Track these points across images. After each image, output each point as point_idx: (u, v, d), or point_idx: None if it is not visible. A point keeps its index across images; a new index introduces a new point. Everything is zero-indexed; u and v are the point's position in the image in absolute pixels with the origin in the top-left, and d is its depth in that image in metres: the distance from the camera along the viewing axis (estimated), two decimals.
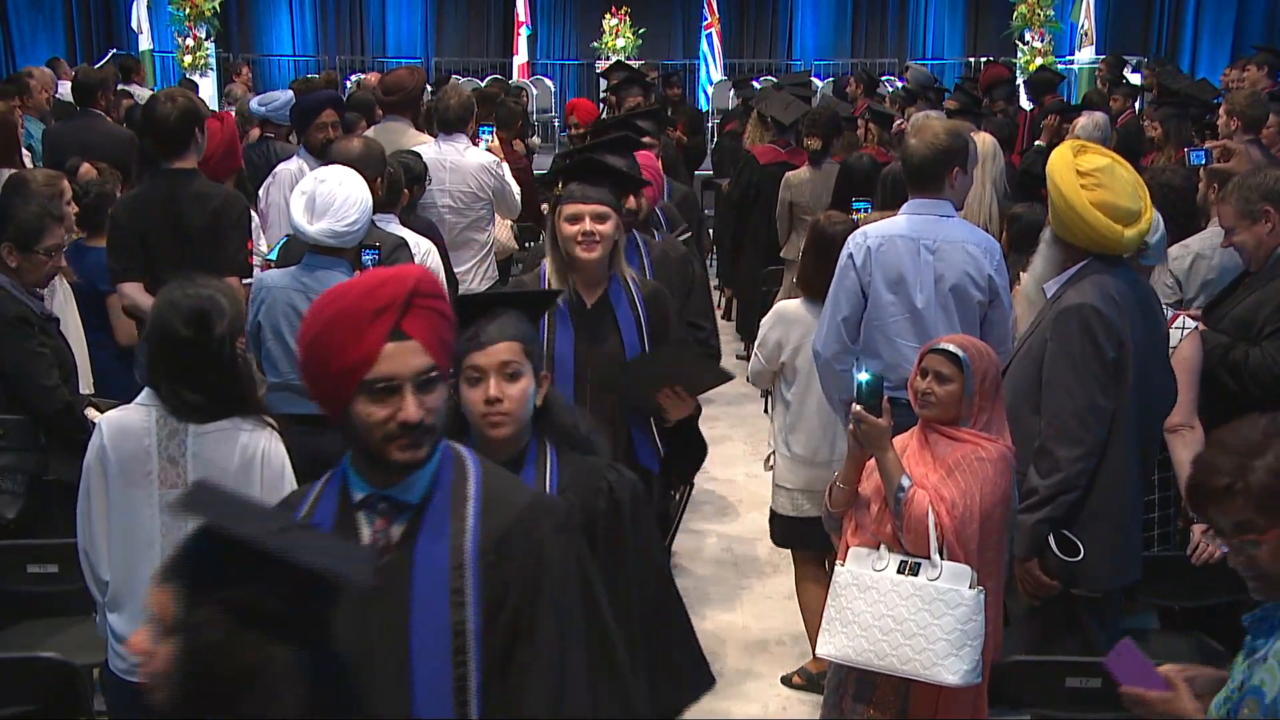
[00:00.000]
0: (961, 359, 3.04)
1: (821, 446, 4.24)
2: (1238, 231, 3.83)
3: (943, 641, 2.92)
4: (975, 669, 2.94)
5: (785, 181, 6.84)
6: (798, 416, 4.29)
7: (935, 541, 2.94)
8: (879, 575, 3.01)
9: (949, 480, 3.00)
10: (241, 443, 2.93)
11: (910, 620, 2.95)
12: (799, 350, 4.24)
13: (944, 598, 2.93)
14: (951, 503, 2.97)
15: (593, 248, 3.33)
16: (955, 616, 2.92)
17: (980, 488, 2.98)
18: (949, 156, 3.86)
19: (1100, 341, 3.19)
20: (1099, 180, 3.22)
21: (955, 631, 2.92)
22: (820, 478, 4.19)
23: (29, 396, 3.81)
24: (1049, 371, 3.24)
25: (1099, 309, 3.20)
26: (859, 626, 3.02)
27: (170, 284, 2.95)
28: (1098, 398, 3.19)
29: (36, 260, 3.90)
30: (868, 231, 3.92)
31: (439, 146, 5.91)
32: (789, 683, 4.44)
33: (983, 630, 2.94)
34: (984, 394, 3.05)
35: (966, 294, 3.83)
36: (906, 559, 3.00)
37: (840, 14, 19.10)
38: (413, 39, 18.90)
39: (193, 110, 4.51)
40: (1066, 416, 3.20)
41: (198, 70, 14.95)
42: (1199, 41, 17.54)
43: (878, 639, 2.99)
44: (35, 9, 16.77)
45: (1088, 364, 3.19)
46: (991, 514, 3.02)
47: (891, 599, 2.98)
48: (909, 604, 2.96)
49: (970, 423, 3.06)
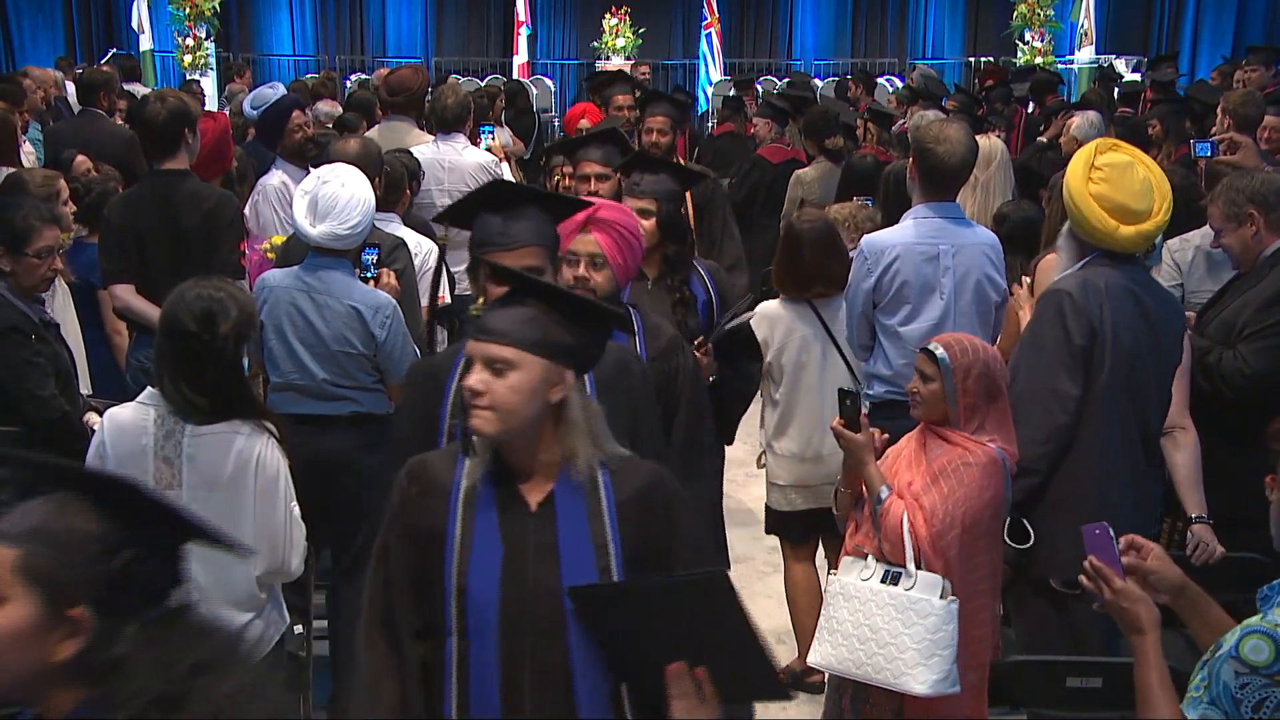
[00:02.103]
0: (939, 357, 3.04)
1: (811, 441, 4.23)
2: (1225, 234, 3.83)
3: (911, 651, 2.93)
4: (946, 679, 2.92)
5: (796, 178, 6.83)
6: (787, 414, 4.28)
7: (911, 551, 2.95)
8: (863, 585, 3.03)
9: (932, 488, 3.00)
10: (237, 447, 2.94)
11: (884, 629, 2.97)
12: (783, 349, 4.23)
13: (915, 607, 2.93)
14: (931, 511, 2.97)
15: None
16: (925, 626, 2.92)
17: (965, 494, 2.97)
18: (974, 161, 3.96)
19: (1070, 326, 3.18)
20: (1105, 175, 3.21)
21: (924, 641, 2.92)
22: (812, 472, 4.23)
23: (23, 407, 3.76)
24: (1016, 354, 3.25)
25: (1072, 295, 3.20)
26: (841, 635, 3.05)
27: (187, 281, 2.97)
28: (1062, 382, 3.18)
29: (29, 263, 3.81)
30: (883, 243, 3.93)
31: (437, 146, 5.91)
32: None
33: (954, 641, 2.93)
34: (970, 392, 3.03)
35: (986, 296, 3.88)
36: (890, 569, 3.01)
37: (840, 14, 19.08)
38: (413, 39, 18.89)
39: (183, 111, 4.49)
40: (1025, 397, 3.19)
41: (198, 70, 14.95)
42: (1199, 41, 17.52)
43: (856, 648, 3.02)
44: (36, 9, 16.77)
45: (1055, 348, 3.19)
46: (979, 520, 3.00)
47: (870, 608, 3.00)
48: (884, 613, 2.98)
49: (960, 423, 3.05)
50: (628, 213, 3.20)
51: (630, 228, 3.08)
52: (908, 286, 3.89)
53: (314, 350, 3.82)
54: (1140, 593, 2.21)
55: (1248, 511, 3.70)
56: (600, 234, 3.00)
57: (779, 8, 19.17)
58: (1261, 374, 3.67)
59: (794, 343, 4.22)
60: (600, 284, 2.99)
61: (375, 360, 3.87)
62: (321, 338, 3.81)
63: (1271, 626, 1.93)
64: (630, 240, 3.05)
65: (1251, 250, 3.79)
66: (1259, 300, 3.74)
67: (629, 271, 3.12)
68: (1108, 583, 2.23)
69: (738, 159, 8.30)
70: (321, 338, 3.81)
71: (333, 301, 3.81)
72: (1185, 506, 3.56)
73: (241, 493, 2.94)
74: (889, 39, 19.10)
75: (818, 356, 4.20)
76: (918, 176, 3.95)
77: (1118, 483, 3.32)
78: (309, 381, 3.83)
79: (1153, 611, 2.21)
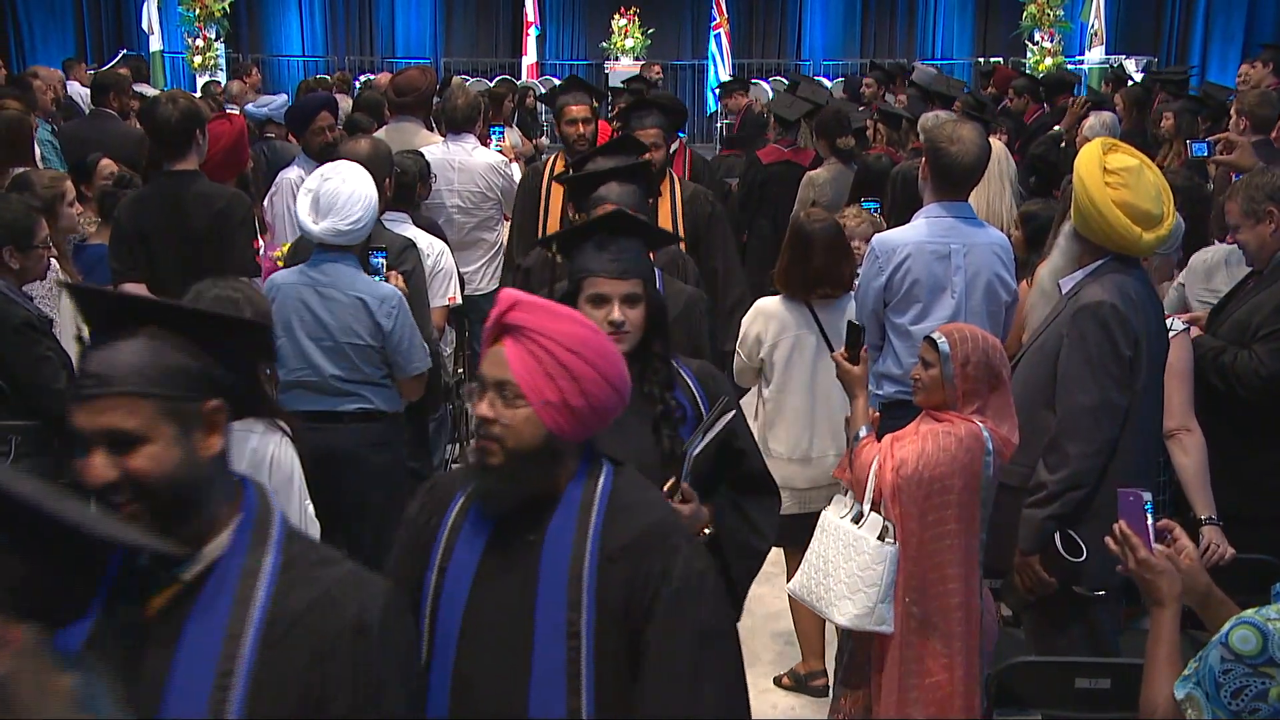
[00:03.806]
0: (939, 344, 3.11)
1: (800, 443, 4.23)
2: (1241, 231, 3.81)
3: (843, 584, 3.12)
4: (869, 614, 3.08)
5: (809, 180, 6.79)
6: (775, 413, 4.27)
7: (871, 492, 3.11)
8: (836, 521, 3.20)
9: (910, 444, 3.12)
10: (251, 445, 2.94)
11: (831, 560, 3.16)
12: (776, 346, 4.22)
13: (855, 544, 3.12)
14: (901, 460, 3.09)
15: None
16: (858, 562, 3.09)
17: (939, 457, 3.06)
18: (987, 161, 3.97)
19: (1117, 339, 3.18)
20: (1124, 180, 3.21)
21: (854, 576, 3.10)
22: (799, 473, 4.22)
23: (40, 401, 3.82)
24: (1064, 367, 3.23)
25: (1117, 306, 3.18)
26: (808, 564, 3.24)
27: (203, 281, 2.98)
28: (1112, 394, 3.18)
29: (35, 255, 3.91)
30: (894, 241, 3.94)
31: (447, 146, 5.92)
32: (779, 683, 4.44)
33: (882, 581, 3.07)
34: (967, 379, 3.10)
35: (997, 295, 3.90)
36: (860, 508, 3.15)
37: (849, 14, 19.08)
38: (421, 39, 18.93)
39: (194, 112, 4.52)
40: (1080, 413, 3.18)
41: (207, 71, 15.00)
42: (1209, 41, 17.49)
43: (811, 575, 3.22)
44: (47, 10, 16.84)
45: (1104, 361, 3.17)
46: (948, 485, 3.06)
47: (829, 539, 3.19)
48: (835, 546, 3.17)
49: (957, 407, 3.11)
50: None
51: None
52: (919, 285, 3.89)
53: (322, 344, 3.83)
54: (1165, 565, 2.25)
55: (1259, 511, 3.72)
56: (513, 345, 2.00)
57: (788, 8, 19.18)
58: (1278, 374, 3.67)
59: (786, 341, 4.20)
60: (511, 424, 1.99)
61: (383, 353, 3.89)
62: (329, 330, 3.82)
63: (1263, 620, 1.98)
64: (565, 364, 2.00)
65: (1269, 248, 3.77)
66: (1275, 300, 3.73)
67: (577, 419, 2.00)
68: (1134, 551, 2.25)
69: None
70: (329, 330, 3.82)
71: (338, 293, 3.83)
72: (1195, 508, 3.55)
73: None
74: (898, 39, 19.09)
75: (810, 358, 4.18)
76: (930, 176, 3.95)
77: (1143, 489, 3.35)
78: (317, 378, 3.84)
79: (1175, 586, 2.25)
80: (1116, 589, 3.27)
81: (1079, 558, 3.20)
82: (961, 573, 3.10)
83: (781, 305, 4.25)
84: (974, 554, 3.14)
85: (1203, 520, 3.52)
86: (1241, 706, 1.94)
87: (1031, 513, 3.22)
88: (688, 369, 2.75)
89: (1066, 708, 3.04)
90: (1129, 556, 2.28)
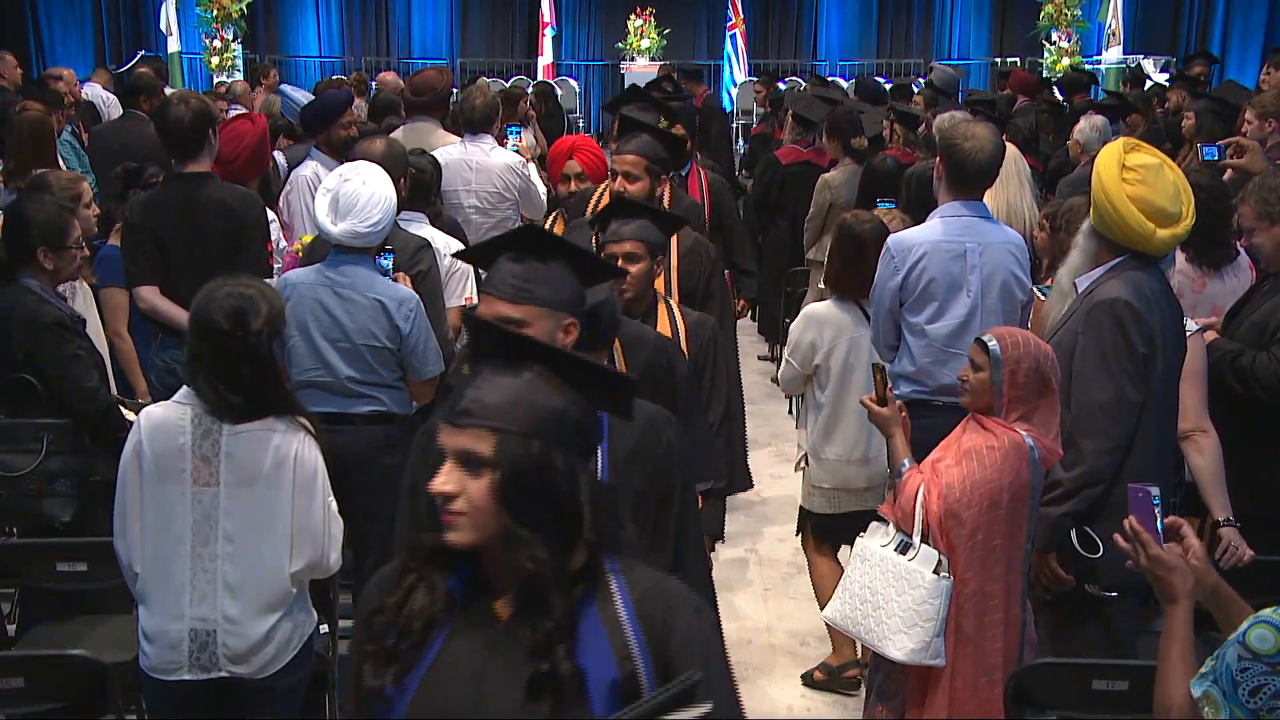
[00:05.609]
0: (990, 347, 3.08)
1: (859, 443, 4.25)
2: (1256, 233, 3.80)
3: (897, 617, 3.07)
4: (925, 649, 3.03)
5: (824, 182, 6.78)
6: (834, 419, 4.28)
7: (919, 524, 3.06)
8: (878, 550, 3.15)
9: (955, 467, 3.07)
10: (275, 444, 2.97)
11: (881, 594, 3.12)
12: (832, 352, 4.24)
13: (909, 577, 3.06)
14: (948, 486, 3.05)
15: None
16: (913, 596, 3.04)
17: (984, 476, 3.02)
18: (1001, 160, 3.97)
19: (1132, 336, 3.17)
20: (1141, 177, 3.20)
21: (909, 610, 3.05)
22: (858, 473, 4.26)
23: (72, 400, 3.87)
24: (1079, 364, 3.23)
25: (1132, 303, 3.18)
26: (850, 594, 3.19)
27: (215, 280, 3.00)
28: (1127, 391, 3.18)
29: (69, 255, 3.97)
30: (910, 241, 3.94)
31: (464, 147, 5.93)
32: (810, 679, 4.44)
33: (938, 615, 3.03)
34: (1016, 385, 3.06)
35: (1012, 294, 3.90)
36: (904, 539, 3.11)
37: (865, 14, 19.05)
38: (438, 40, 18.98)
39: (206, 113, 4.52)
40: (1094, 409, 3.18)
41: (225, 71, 15.06)
42: (1228, 41, 17.38)
43: (857, 607, 3.17)
44: (66, 11, 16.95)
45: (1118, 357, 3.17)
46: (997, 501, 3.04)
47: (876, 572, 3.14)
48: (885, 579, 3.11)
49: (1003, 413, 3.08)
50: None
51: None
52: (935, 284, 3.89)
53: (338, 345, 3.85)
54: (1176, 561, 2.26)
55: (1275, 513, 3.70)
56: None
57: (804, 8, 19.16)
58: None
59: (843, 344, 4.23)
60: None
61: (399, 355, 3.90)
62: (346, 331, 3.84)
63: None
64: None
65: None
66: None
67: None
68: (1144, 547, 2.26)
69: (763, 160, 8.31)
70: (346, 331, 3.84)
71: (357, 295, 3.84)
72: (1211, 510, 3.55)
73: (280, 489, 2.96)
74: (914, 40, 19.06)
75: (866, 358, 4.19)
76: (945, 174, 3.95)
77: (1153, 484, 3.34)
78: (332, 379, 3.86)
79: (1188, 581, 2.25)
80: (1132, 590, 3.27)
81: (1095, 554, 3.20)
82: (1003, 587, 3.10)
83: (834, 309, 4.27)
84: (1018, 564, 3.13)
85: (1220, 522, 3.51)
86: (1259, 704, 1.96)
87: (1047, 510, 3.22)
88: (628, 604, 1.80)
89: (1083, 709, 3.04)
90: (1140, 553, 2.29)
